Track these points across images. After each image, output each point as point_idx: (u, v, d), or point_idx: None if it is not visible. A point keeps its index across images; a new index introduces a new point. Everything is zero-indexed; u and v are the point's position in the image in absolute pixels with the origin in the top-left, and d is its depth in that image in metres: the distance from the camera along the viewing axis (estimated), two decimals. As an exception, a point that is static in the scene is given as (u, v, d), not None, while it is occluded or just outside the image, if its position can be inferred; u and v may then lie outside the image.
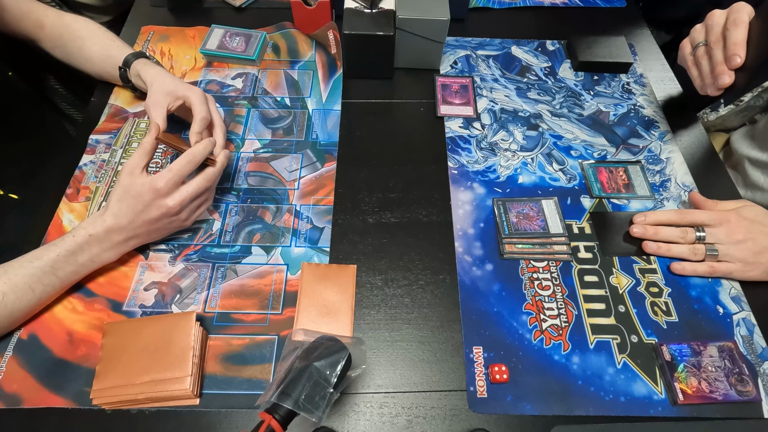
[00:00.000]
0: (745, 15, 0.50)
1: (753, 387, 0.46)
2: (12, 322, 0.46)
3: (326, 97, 0.69)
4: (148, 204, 0.48)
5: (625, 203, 0.59)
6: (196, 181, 0.50)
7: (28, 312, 0.47)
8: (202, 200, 0.52)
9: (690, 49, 0.55)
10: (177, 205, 0.49)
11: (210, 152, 0.51)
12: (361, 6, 0.65)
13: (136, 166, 0.48)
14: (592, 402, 0.46)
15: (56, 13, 0.64)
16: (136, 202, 0.47)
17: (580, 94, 0.70)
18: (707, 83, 0.53)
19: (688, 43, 0.56)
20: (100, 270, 0.51)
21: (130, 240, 0.50)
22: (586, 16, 0.81)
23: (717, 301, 0.52)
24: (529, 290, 0.52)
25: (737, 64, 0.49)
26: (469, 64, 0.73)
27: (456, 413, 0.45)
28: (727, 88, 0.51)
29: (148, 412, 0.44)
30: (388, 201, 0.59)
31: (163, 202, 0.48)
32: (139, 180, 0.47)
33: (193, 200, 0.50)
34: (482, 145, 0.64)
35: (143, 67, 0.59)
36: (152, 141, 0.50)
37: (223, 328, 0.49)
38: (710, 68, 0.53)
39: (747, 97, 0.67)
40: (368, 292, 0.52)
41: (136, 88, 0.63)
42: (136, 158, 0.48)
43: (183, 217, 0.51)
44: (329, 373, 0.36)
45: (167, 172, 0.48)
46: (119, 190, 0.48)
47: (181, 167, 0.48)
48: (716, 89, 0.52)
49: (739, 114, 0.70)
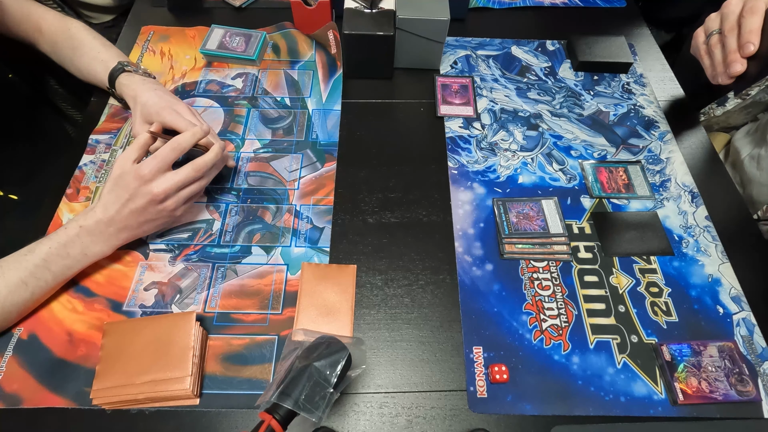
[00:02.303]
0: (762, 3, 0.49)
1: (753, 387, 0.46)
2: (6, 318, 0.46)
3: (326, 97, 0.69)
4: (134, 192, 0.47)
5: (625, 203, 0.59)
6: (184, 169, 0.49)
7: (22, 308, 0.47)
8: (191, 191, 0.51)
9: (704, 38, 0.54)
10: (162, 192, 0.48)
11: (198, 140, 0.51)
12: (361, 6, 0.65)
13: (128, 159, 0.48)
14: (592, 402, 0.46)
15: (54, 16, 0.63)
16: (123, 191, 0.48)
17: (580, 94, 0.70)
18: (719, 72, 0.52)
19: (702, 32, 0.55)
20: (99, 270, 0.51)
21: (121, 232, 0.49)
22: (586, 16, 0.81)
23: (717, 301, 0.52)
24: (529, 290, 0.52)
25: (750, 52, 0.48)
26: (469, 64, 0.73)
27: (456, 413, 0.45)
28: (739, 77, 0.50)
29: (148, 412, 0.44)
30: (388, 201, 0.59)
31: (147, 188, 0.48)
32: (127, 169, 0.48)
33: (180, 189, 0.50)
34: (482, 145, 0.64)
35: (125, 88, 0.59)
36: (147, 135, 0.50)
37: (223, 328, 0.49)
38: (723, 57, 0.52)
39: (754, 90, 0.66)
40: (368, 292, 0.52)
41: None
42: (129, 151, 0.49)
43: (170, 206, 0.50)
44: (329, 373, 0.36)
45: (152, 159, 0.48)
46: (110, 182, 0.48)
47: (165, 154, 0.48)
48: (728, 77, 0.51)
49: (744, 110, 0.70)
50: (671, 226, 0.57)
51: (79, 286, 0.51)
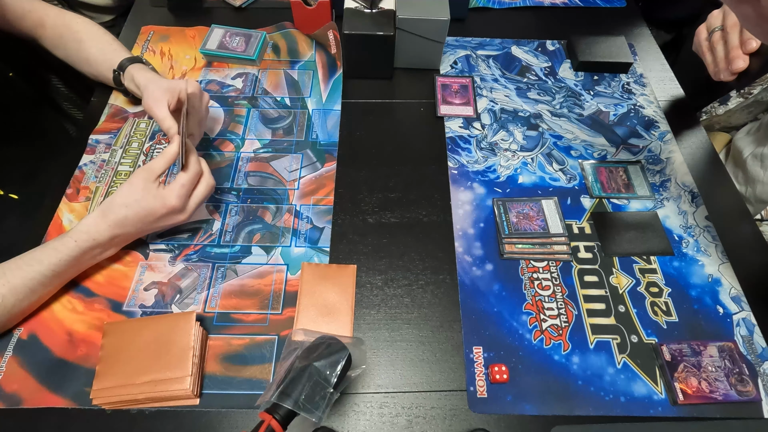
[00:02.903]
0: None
1: (753, 387, 0.46)
2: (11, 320, 0.46)
3: (326, 97, 0.69)
4: (160, 218, 0.49)
5: (625, 203, 0.59)
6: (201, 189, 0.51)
7: (27, 311, 0.47)
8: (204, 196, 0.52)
9: (706, 35, 0.54)
10: (188, 214, 0.51)
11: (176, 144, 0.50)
12: (361, 6, 0.65)
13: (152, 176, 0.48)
14: (592, 402, 0.46)
15: (57, 12, 0.64)
16: (148, 214, 0.48)
17: (580, 94, 0.70)
18: (721, 68, 0.52)
19: (704, 29, 0.54)
20: (99, 270, 0.52)
21: (132, 239, 0.52)
22: (586, 16, 0.81)
23: (717, 301, 0.52)
24: (529, 290, 0.52)
25: (753, 48, 0.48)
26: (469, 64, 0.73)
27: (456, 413, 0.45)
28: (741, 74, 0.50)
29: (148, 412, 0.44)
30: (388, 201, 0.59)
31: (177, 217, 0.50)
32: (152, 193, 0.48)
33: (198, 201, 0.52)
34: (482, 145, 0.64)
35: (138, 72, 0.59)
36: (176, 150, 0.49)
37: (223, 328, 0.49)
38: (725, 53, 0.52)
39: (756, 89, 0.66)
40: (368, 292, 0.52)
41: (128, 93, 0.63)
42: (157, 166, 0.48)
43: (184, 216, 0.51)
44: (329, 373, 0.36)
45: (180, 188, 0.49)
46: (128, 196, 0.47)
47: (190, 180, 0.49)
48: (730, 74, 0.51)
49: (745, 110, 0.69)
50: (671, 226, 0.57)
51: (79, 286, 0.51)
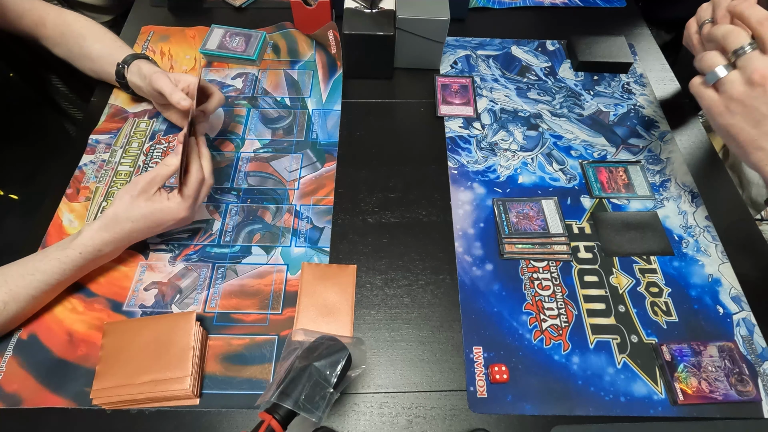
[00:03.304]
0: None
1: (753, 387, 0.46)
2: (12, 324, 0.47)
3: (326, 97, 0.69)
4: (169, 226, 0.50)
5: (625, 203, 0.59)
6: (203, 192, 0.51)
7: (29, 315, 0.48)
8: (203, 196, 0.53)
9: (696, 28, 0.53)
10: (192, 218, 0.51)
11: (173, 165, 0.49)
12: (361, 6, 0.65)
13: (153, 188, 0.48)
14: (592, 402, 0.46)
15: (58, 10, 0.64)
16: (157, 225, 0.49)
17: (580, 94, 0.70)
18: None
19: (694, 22, 0.53)
20: (99, 270, 0.51)
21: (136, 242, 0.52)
22: (586, 16, 0.81)
23: (717, 301, 0.52)
24: (529, 290, 0.52)
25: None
26: (469, 64, 0.73)
27: (456, 413, 0.45)
28: None
29: (148, 412, 0.44)
30: (388, 201, 0.59)
31: (181, 222, 0.51)
32: (158, 206, 0.48)
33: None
34: (482, 145, 0.64)
35: (145, 64, 0.59)
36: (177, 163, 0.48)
37: (223, 328, 0.49)
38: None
39: None
40: (368, 292, 0.52)
41: (129, 87, 0.63)
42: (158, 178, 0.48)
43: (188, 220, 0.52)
44: (329, 373, 0.36)
45: (188, 199, 0.49)
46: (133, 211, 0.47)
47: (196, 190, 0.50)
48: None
49: None
50: (671, 226, 0.57)
51: (80, 286, 0.51)
